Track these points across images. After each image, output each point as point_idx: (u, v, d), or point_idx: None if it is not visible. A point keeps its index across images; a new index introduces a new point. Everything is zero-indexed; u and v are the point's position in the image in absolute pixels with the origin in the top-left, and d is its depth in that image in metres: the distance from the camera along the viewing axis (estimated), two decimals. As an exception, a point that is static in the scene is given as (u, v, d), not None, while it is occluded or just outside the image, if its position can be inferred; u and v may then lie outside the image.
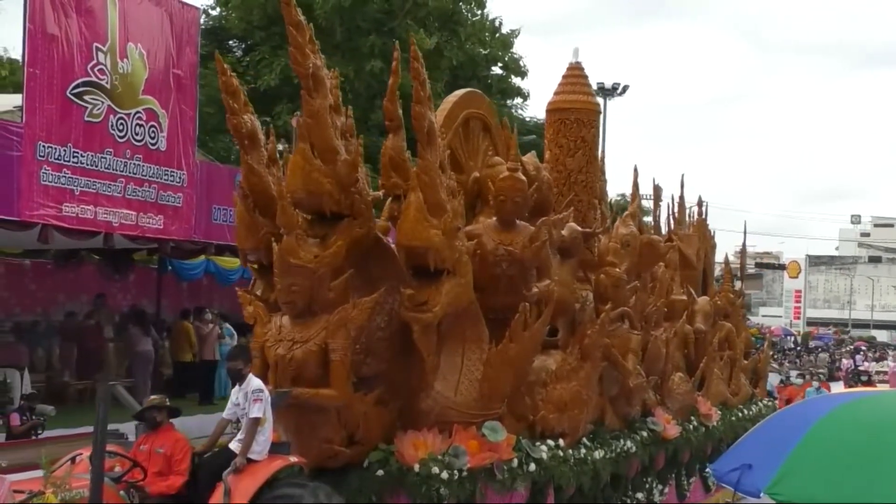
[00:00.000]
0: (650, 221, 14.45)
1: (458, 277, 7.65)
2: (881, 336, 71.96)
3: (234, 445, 6.76)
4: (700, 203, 15.98)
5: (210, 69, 9.91)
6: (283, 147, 9.99)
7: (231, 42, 28.83)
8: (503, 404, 8.26)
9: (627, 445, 10.11)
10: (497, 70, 30.60)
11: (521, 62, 30.38)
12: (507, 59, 30.14)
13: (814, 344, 54.90)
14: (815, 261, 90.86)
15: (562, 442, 8.88)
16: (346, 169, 7.22)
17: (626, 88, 36.28)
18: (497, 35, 29.71)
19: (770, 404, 15.68)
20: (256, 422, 6.65)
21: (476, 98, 10.21)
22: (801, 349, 50.19)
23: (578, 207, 11.17)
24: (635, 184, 13.27)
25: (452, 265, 7.59)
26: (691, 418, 12.15)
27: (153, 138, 12.10)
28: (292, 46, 7.00)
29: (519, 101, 31.70)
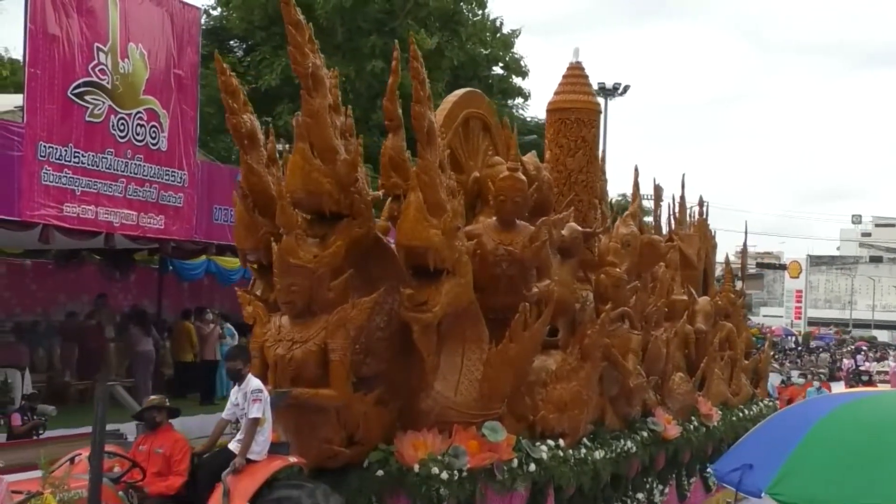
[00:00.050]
0: (651, 221, 14.44)
1: (457, 277, 7.64)
2: (882, 336, 71.94)
3: (233, 446, 6.76)
4: (701, 203, 15.99)
5: (211, 69, 9.90)
6: (282, 147, 9.96)
7: (232, 42, 28.80)
8: (503, 404, 8.25)
9: (628, 446, 10.09)
10: (498, 70, 30.57)
11: (521, 62, 30.36)
12: (507, 59, 30.09)
13: (815, 344, 54.89)
14: (816, 261, 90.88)
15: (562, 442, 8.87)
16: (345, 169, 7.21)
17: (626, 88, 36.27)
18: (498, 35, 29.68)
19: (771, 404, 15.66)
20: (256, 422, 6.65)
21: (476, 98, 10.20)
22: (802, 349, 50.15)
23: (579, 207, 11.17)
24: (636, 184, 13.28)
25: (452, 265, 7.58)
26: (692, 418, 12.13)
27: (154, 138, 12.09)
28: (291, 46, 6.99)
29: (520, 101, 31.71)
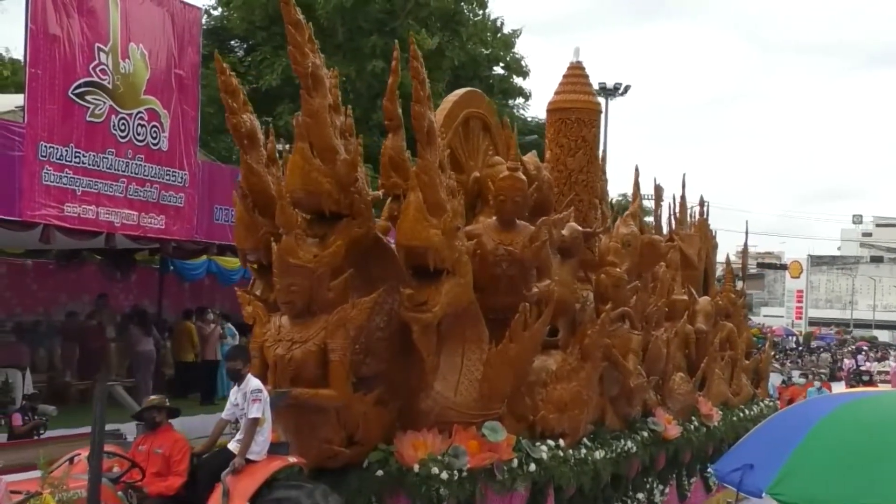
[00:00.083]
0: (651, 221, 14.44)
1: (457, 277, 7.63)
2: (883, 336, 71.97)
3: (232, 446, 6.75)
4: (701, 203, 15.99)
5: (211, 69, 9.88)
6: (282, 147, 9.96)
7: (233, 42, 28.81)
8: (503, 404, 8.24)
9: (628, 446, 10.08)
10: (499, 70, 30.57)
11: (522, 62, 30.36)
12: (508, 59, 30.09)
13: (816, 344, 54.90)
14: (817, 261, 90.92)
15: (562, 442, 8.86)
16: (345, 168, 7.21)
17: (627, 88, 36.26)
18: (499, 35, 29.68)
19: (771, 404, 15.65)
20: (255, 422, 6.64)
21: (476, 97, 10.19)
22: (802, 349, 50.16)
23: (579, 207, 11.16)
24: (636, 183, 13.28)
25: (452, 265, 7.57)
26: (692, 418, 12.12)
27: (155, 138, 12.09)
28: (291, 45, 6.99)
29: (521, 101, 31.71)
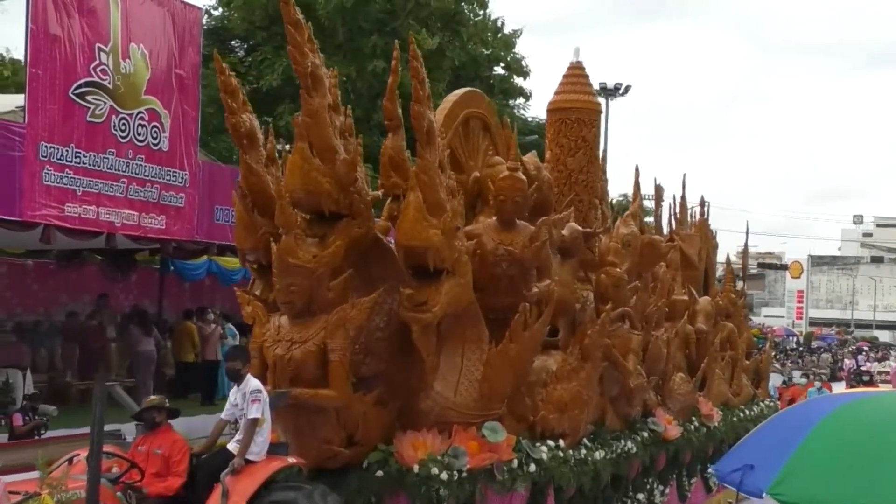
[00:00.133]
0: (651, 221, 14.43)
1: (457, 277, 7.62)
2: (883, 336, 71.98)
3: (232, 446, 6.74)
4: (702, 203, 15.98)
5: (212, 69, 9.86)
6: (282, 147, 9.97)
7: (233, 42, 28.82)
8: (503, 405, 8.23)
9: (628, 446, 10.07)
10: (499, 70, 30.57)
11: (523, 62, 30.37)
12: (509, 59, 30.09)
13: (816, 344, 54.90)
14: (818, 261, 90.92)
15: (562, 442, 8.85)
16: (344, 168, 7.20)
17: (627, 88, 36.21)
18: (499, 35, 29.68)
19: (772, 405, 15.64)
20: (255, 422, 6.63)
21: (476, 97, 10.18)
22: (803, 349, 50.16)
23: (579, 207, 11.16)
24: (636, 183, 13.28)
25: (452, 265, 7.56)
26: (692, 419, 12.11)
27: (155, 138, 12.10)
28: (291, 45, 6.98)
29: (521, 101, 31.71)
